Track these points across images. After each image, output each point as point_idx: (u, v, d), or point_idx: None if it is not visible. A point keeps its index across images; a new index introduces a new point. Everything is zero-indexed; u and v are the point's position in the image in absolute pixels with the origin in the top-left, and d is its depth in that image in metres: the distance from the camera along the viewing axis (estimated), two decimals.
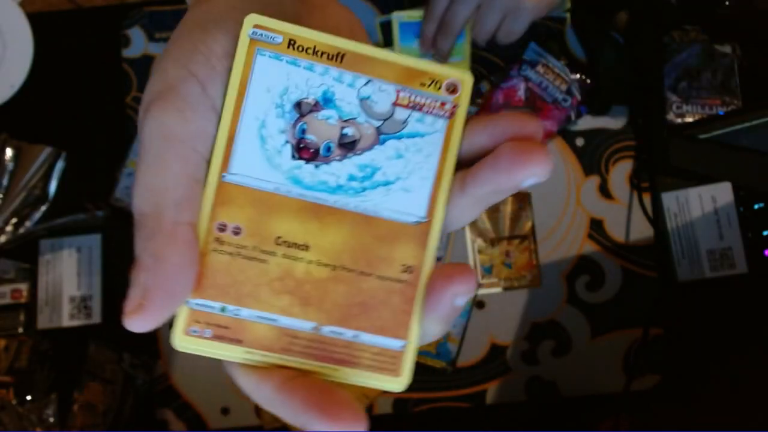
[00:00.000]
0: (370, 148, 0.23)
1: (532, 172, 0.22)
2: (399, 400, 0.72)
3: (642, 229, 0.72)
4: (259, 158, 0.23)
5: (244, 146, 0.23)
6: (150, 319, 0.21)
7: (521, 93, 0.72)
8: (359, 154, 0.23)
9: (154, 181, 0.22)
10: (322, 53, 0.23)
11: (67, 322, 0.71)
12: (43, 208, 0.72)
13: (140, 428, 0.72)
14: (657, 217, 0.71)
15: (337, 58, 0.23)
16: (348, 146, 0.23)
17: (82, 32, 0.75)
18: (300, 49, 0.23)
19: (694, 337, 0.71)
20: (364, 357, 0.23)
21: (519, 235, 0.72)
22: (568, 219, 0.72)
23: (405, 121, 0.23)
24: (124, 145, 0.73)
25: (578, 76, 0.72)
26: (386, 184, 0.23)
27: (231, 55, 0.23)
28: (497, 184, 0.22)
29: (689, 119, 0.71)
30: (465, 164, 0.24)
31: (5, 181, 0.71)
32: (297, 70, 0.23)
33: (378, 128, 0.23)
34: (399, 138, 0.23)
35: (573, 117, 0.72)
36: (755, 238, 0.70)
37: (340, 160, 0.23)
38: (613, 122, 0.73)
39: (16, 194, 0.71)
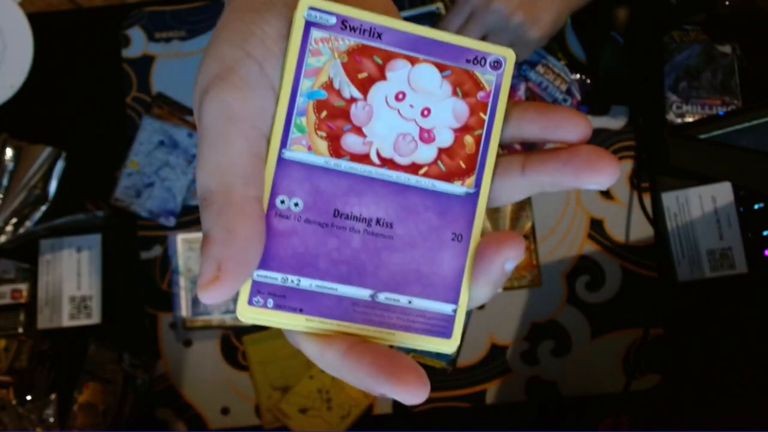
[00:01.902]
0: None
1: (600, 180, 0.23)
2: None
3: (642, 229, 0.72)
4: None
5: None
6: (225, 290, 0.22)
7: (521, 93, 0.72)
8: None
9: (220, 158, 0.23)
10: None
11: (67, 322, 0.71)
12: (43, 208, 0.72)
13: (140, 428, 0.72)
14: (657, 217, 0.71)
15: None
16: None
17: (82, 32, 0.75)
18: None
19: (694, 337, 0.71)
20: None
21: None
22: (568, 219, 0.72)
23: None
24: (124, 145, 0.73)
25: (578, 76, 0.72)
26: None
27: (285, 37, 0.24)
28: (562, 179, 0.24)
29: (689, 119, 0.71)
30: (506, 144, 0.25)
31: (5, 181, 0.71)
32: None
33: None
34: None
35: None
36: (755, 238, 0.70)
37: None
38: (613, 122, 0.73)
39: (16, 194, 0.71)
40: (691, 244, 0.70)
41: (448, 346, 0.25)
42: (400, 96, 0.24)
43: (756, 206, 0.70)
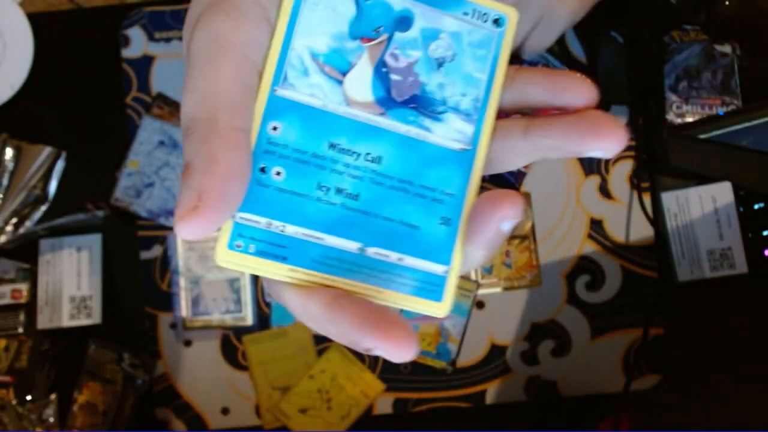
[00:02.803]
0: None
1: (605, 146, 0.22)
2: (399, 400, 0.72)
3: (642, 229, 0.72)
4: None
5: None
6: (204, 224, 0.20)
7: None
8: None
9: (207, 85, 0.21)
10: None
11: (67, 322, 0.71)
12: (43, 208, 0.72)
13: (140, 428, 0.72)
14: (657, 217, 0.71)
15: None
16: None
17: (82, 32, 0.75)
18: None
19: (694, 337, 0.71)
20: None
21: (519, 235, 0.72)
22: (568, 219, 0.72)
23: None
24: (124, 145, 0.73)
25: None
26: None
27: None
28: (566, 142, 0.23)
29: (689, 119, 0.71)
30: (511, 110, 0.24)
31: (5, 181, 0.71)
32: None
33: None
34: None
35: None
36: (755, 238, 0.70)
37: None
38: None
39: (16, 194, 0.71)
40: (691, 244, 0.70)
41: (438, 309, 0.23)
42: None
43: (756, 206, 0.70)
